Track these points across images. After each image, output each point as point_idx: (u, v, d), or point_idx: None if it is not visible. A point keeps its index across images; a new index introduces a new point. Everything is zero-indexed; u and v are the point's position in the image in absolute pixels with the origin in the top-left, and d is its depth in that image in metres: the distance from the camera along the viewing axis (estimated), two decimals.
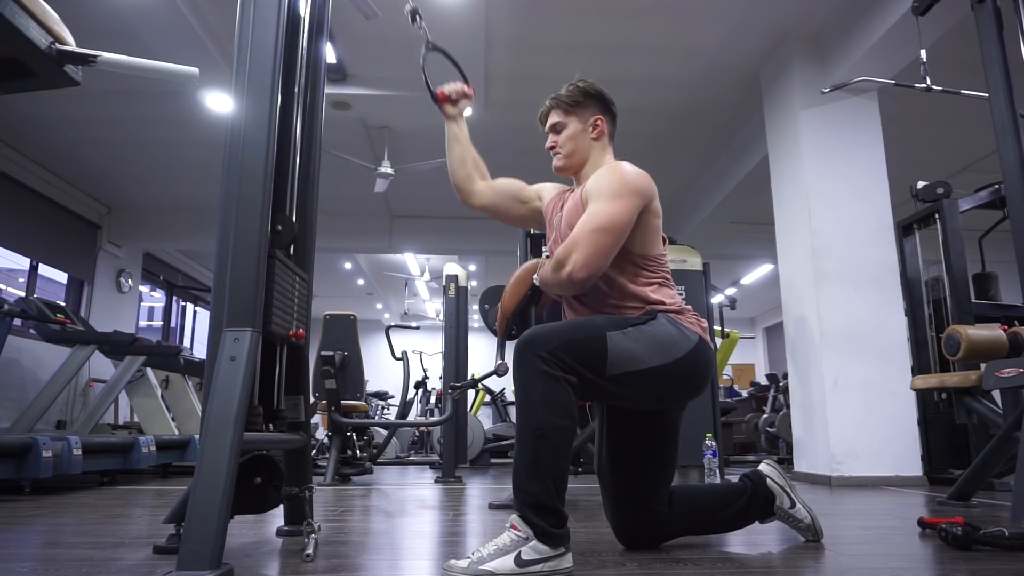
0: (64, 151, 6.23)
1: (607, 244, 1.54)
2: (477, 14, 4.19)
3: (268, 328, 1.50)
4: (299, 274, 1.74)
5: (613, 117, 1.82)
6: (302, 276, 1.76)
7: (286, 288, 1.62)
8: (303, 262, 1.80)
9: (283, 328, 1.58)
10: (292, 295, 1.66)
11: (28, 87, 1.48)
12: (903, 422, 3.95)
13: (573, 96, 1.77)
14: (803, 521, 1.76)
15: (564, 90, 1.80)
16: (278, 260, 1.56)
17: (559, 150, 1.79)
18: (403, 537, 1.97)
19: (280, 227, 1.65)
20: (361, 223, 7.96)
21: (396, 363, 6.40)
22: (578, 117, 1.77)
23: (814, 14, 4.28)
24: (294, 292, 1.68)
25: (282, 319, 1.58)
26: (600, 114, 1.78)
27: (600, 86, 1.81)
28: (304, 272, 1.78)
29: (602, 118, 1.78)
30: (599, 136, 1.78)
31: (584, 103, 1.77)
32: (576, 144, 1.77)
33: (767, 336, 13.88)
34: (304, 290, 1.77)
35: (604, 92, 1.81)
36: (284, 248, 1.69)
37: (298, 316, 1.69)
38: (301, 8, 1.84)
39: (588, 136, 1.77)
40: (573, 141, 1.77)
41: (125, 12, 4.07)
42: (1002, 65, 2.30)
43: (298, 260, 1.78)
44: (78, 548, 1.72)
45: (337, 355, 4.25)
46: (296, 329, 1.66)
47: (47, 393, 3.98)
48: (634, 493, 1.66)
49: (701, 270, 4.49)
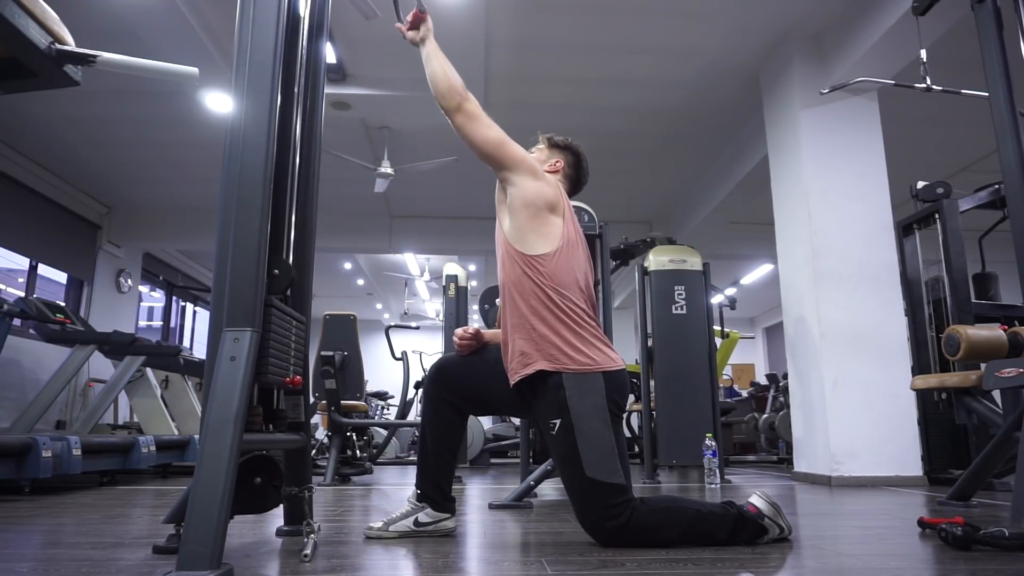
0: (64, 151, 6.23)
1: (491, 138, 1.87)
2: (477, 14, 4.19)
3: (264, 379, 1.47)
4: (296, 318, 1.70)
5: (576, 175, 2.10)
6: (299, 320, 1.73)
7: (282, 335, 1.58)
8: (300, 304, 1.78)
9: (279, 376, 1.55)
10: (289, 341, 1.63)
11: (28, 87, 1.48)
12: (903, 422, 3.95)
13: (560, 140, 2.11)
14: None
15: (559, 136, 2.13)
16: (274, 308, 1.53)
17: None
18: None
19: (277, 271, 1.63)
20: (361, 223, 7.96)
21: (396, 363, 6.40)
22: (550, 152, 2.09)
23: (814, 14, 4.28)
24: (291, 338, 1.65)
25: (278, 367, 1.55)
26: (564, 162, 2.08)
27: (585, 154, 2.11)
28: (301, 315, 1.75)
29: (562, 163, 2.07)
30: (553, 172, 2.04)
31: (563, 150, 2.09)
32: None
33: (767, 336, 13.88)
34: (301, 333, 1.74)
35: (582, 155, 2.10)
36: (281, 293, 1.66)
37: (295, 362, 1.66)
38: (301, 8, 1.84)
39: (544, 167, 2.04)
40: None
41: (125, 12, 4.07)
42: (1002, 65, 2.30)
43: (295, 301, 1.76)
44: (78, 548, 1.72)
45: (337, 355, 4.25)
46: (292, 376, 1.63)
47: (47, 393, 3.98)
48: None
49: (701, 270, 4.49)
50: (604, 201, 6.38)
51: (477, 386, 1.94)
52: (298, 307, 1.76)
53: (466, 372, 1.95)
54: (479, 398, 1.96)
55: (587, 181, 2.13)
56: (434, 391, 1.93)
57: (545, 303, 1.79)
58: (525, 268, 1.82)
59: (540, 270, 1.81)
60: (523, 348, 1.80)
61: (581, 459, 1.69)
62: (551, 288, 1.80)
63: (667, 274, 4.46)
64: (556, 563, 1.51)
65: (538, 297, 1.80)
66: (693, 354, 4.33)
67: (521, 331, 1.82)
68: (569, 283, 1.83)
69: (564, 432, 1.72)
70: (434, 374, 1.95)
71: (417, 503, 1.91)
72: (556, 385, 1.74)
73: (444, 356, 2.05)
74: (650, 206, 7.87)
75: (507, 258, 1.87)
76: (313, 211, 1.88)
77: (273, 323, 1.52)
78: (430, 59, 1.92)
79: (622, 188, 7.07)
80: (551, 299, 1.79)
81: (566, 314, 1.79)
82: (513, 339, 1.84)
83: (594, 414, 1.72)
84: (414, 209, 7.88)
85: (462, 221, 7.84)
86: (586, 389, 1.73)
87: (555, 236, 1.85)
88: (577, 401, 1.72)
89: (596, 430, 1.71)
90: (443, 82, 1.87)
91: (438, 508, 1.90)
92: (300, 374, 1.69)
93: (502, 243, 1.90)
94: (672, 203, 7.71)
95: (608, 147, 5.94)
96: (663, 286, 4.43)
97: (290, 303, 1.74)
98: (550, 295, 1.79)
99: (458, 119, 1.86)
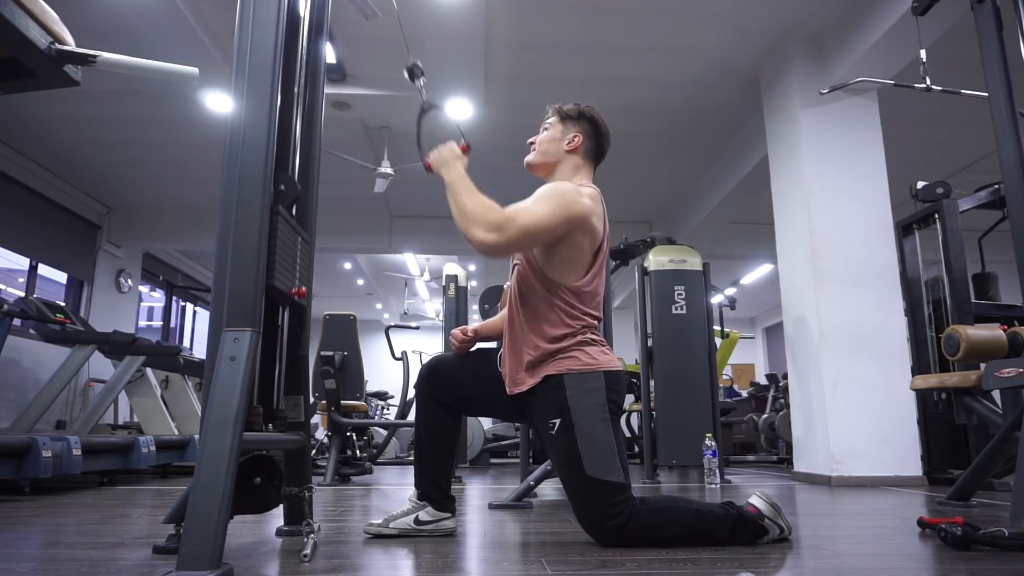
0: (64, 151, 6.23)
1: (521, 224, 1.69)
2: (477, 14, 4.19)
3: (271, 283, 1.49)
4: (301, 234, 1.73)
5: (598, 144, 1.94)
6: (304, 236, 1.76)
7: (288, 245, 1.61)
8: (305, 224, 1.81)
9: (286, 285, 1.57)
10: (294, 253, 1.66)
11: (28, 87, 1.48)
12: (903, 422, 3.95)
13: (571, 110, 1.94)
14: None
15: (569, 103, 1.95)
16: (281, 217, 1.56)
17: (536, 146, 1.95)
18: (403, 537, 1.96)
19: (283, 186, 1.64)
20: (361, 223, 7.96)
21: (396, 363, 6.41)
22: (564, 127, 1.93)
23: (814, 14, 4.28)
24: (296, 250, 1.67)
25: (284, 276, 1.57)
26: (582, 134, 1.91)
27: (600, 115, 1.94)
28: (306, 233, 1.79)
29: (580, 136, 1.91)
30: (574, 150, 1.91)
31: (576, 120, 1.92)
32: (550, 147, 1.93)
33: (767, 336, 13.88)
34: (306, 251, 1.77)
35: (599, 119, 1.94)
36: (287, 207, 1.68)
37: (300, 275, 1.69)
38: (301, 8, 1.84)
39: (563, 146, 1.91)
40: (548, 143, 1.93)
41: (125, 12, 4.07)
42: (1002, 65, 2.30)
43: (300, 223, 1.79)
44: (78, 548, 1.72)
45: (337, 355, 4.25)
46: (298, 287, 1.65)
47: (47, 393, 3.98)
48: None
49: (701, 270, 4.49)
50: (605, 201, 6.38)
51: (469, 387, 1.93)
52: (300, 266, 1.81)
53: (458, 372, 1.94)
54: (471, 399, 1.94)
55: (609, 145, 1.97)
56: (426, 391, 1.92)
57: (563, 320, 1.78)
58: (550, 293, 1.78)
59: (565, 298, 1.78)
60: (531, 359, 1.79)
61: (581, 458, 1.69)
62: (574, 308, 1.78)
63: (667, 274, 4.46)
64: (556, 563, 1.51)
65: (559, 316, 1.77)
66: (693, 354, 4.33)
67: (529, 344, 1.80)
68: (591, 302, 1.82)
69: (564, 431, 1.72)
70: (425, 374, 1.94)
71: (418, 502, 1.92)
72: (557, 385, 1.74)
73: (436, 356, 2.04)
74: (650, 206, 7.87)
75: (530, 273, 1.82)
76: (313, 212, 1.88)
77: (280, 230, 1.54)
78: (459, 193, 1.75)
79: (622, 188, 7.07)
80: (571, 316, 1.78)
81: (579, 328, 1.78)
82: (522, 350, 1.81)
83: (594, 413, 1.72)
84: (414, 209, 7.87)
85: None
86: (587, 388, 1.73)
87: (587, 265, 1.80)
88: (578, 400, 1.72)
89: (596, 429, 1.71)
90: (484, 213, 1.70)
91: (438, 507, 1.91)
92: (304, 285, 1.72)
93: (524, 260, 1.84)
94: (672, 203, 7.71)
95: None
96: (663, 286, 4.43)
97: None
98: (572, 313, 1.78)
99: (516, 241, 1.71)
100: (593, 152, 1.94)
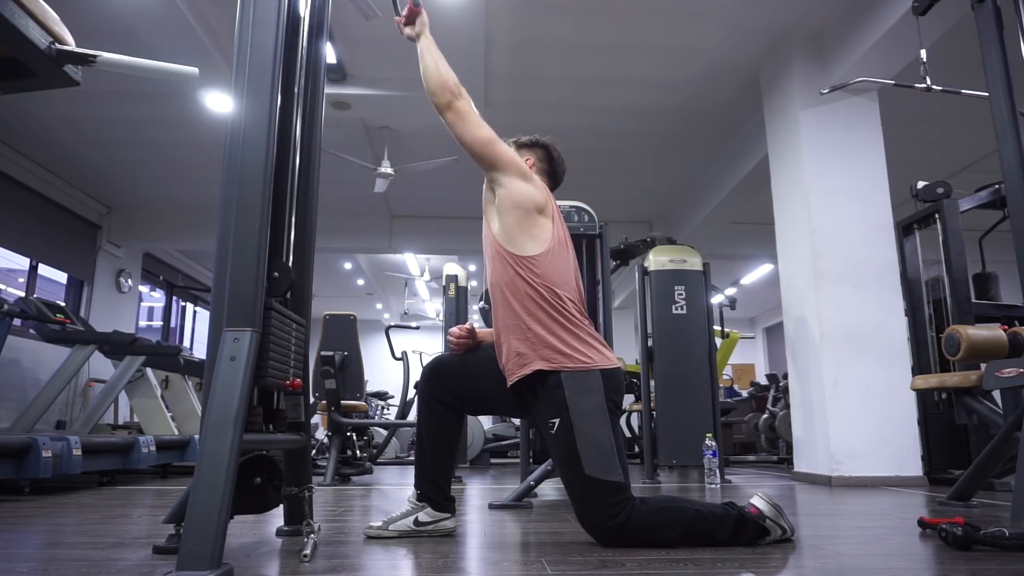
0: (64, 151, 6.23)
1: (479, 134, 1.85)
2: (477, 14, 4.19)
3: (264, 382, 1.47)
4: (296, 320, 1.70)
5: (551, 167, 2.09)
6: (299, 322, 1.72)
7: (282, 338, 1.58)
8: (300, 306, 1.77)
9: (279, 379, 1.55)
10: (288, 344, 1.63)
11: (28, 87, 1.47)
12: (903, 422, 3.94)
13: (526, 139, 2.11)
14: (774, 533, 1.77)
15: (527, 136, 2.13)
16: (274, 311, 1.52)
17: None
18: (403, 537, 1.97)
19: (277, 274, 1.62)
20: (361, 223, 7.96)
21: (396, 363, 6.40)
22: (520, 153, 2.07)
23: (814, 14, 4.28)
24: (290, 341, 1.64)
25: (278, 370, 1.54)
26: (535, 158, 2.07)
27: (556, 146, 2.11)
28: (301, 317, 1.74)
29: (533, 159, 2.07)
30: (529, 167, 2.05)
31: (531, 147, 2.09)
32: None
33: (767, 336, 13.88)
34: (301, 336, 1.73)
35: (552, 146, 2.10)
36: (281, 295, 1.66)
37: (295, 364, 1.66)
38: (301, 8, 1.84)
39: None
40: None
41: (125, 12, 4.08)
42: (1002, 65, 2.30)
43: (295, 303, 1.76)
44: (78, 548, 1.72)
45: (337, 355, 4.25)
46: (292, 379, 1.63)
47: (47, 393, 3.98)
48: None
49: (701, 270, 4.49)
50: (604, 201, 6.39)
51: (472, 385, 1.94)
52: (298, 309, 1.76)
53: (461, 371, 1.95)
54: (474, 397, 1.95)
55: (564, 172, 2.12)
56: (428, 391, 1.93)
57: (539, 303, 1.79)
58: (518, 269, 1.82)
59: (533, 270, 1.81)
60: (519, 349, 1.80)
61: (580, 458, 1.69)
62: (545, 288, 1.80)
63: (667, 274, 4.46)
64: (556, 563, 1.51)
65: (532, 298, 1.80)
66: (693, 354, 4.33)
67: (516, 332, 1.81)
68: (561, 283, 1.83)
69: (563, 431, 1.72)
70: (428, 374, 1.95)
71: (417, 502, 1.92)
72: (555, 384, 1.74)
73: (438, 355, 2.05)
74: (650, 206, 7.87)
75: (497, 259, 1.87)
76: (313, 211, 1.88)
77: (273, 326, 1.51)
78: (424, 55, 1.90)
79: (622, 188, 7.08)
80: (545, 299, 1.79)
81: (560, 313, 1.79)
82: (508, 340, 1.84)
83: (593, 412, 1.72)
84: (414, 209, 7.88)
85: (462, 221, 7.84)
86: (585, 388, 1.74)
87: (545, 238, 1.85)
88: (576, 400, 1.72)
89: (595, 428, 1.71)
90: (435, 78, 1.86)
91: (438, 508, 1.91)
92: (300, 376, 1.69)
93: (491, 243, 1.90)
94: (672, 203, 7.71)
95: (608, 147, 5.94)
96: (663, 286, 4.43)
97: (290, 305, 1.74)
98: (544, 295, 1.79)
99: (449, 116, 1.86)
100: (548, 175, 2.07)
